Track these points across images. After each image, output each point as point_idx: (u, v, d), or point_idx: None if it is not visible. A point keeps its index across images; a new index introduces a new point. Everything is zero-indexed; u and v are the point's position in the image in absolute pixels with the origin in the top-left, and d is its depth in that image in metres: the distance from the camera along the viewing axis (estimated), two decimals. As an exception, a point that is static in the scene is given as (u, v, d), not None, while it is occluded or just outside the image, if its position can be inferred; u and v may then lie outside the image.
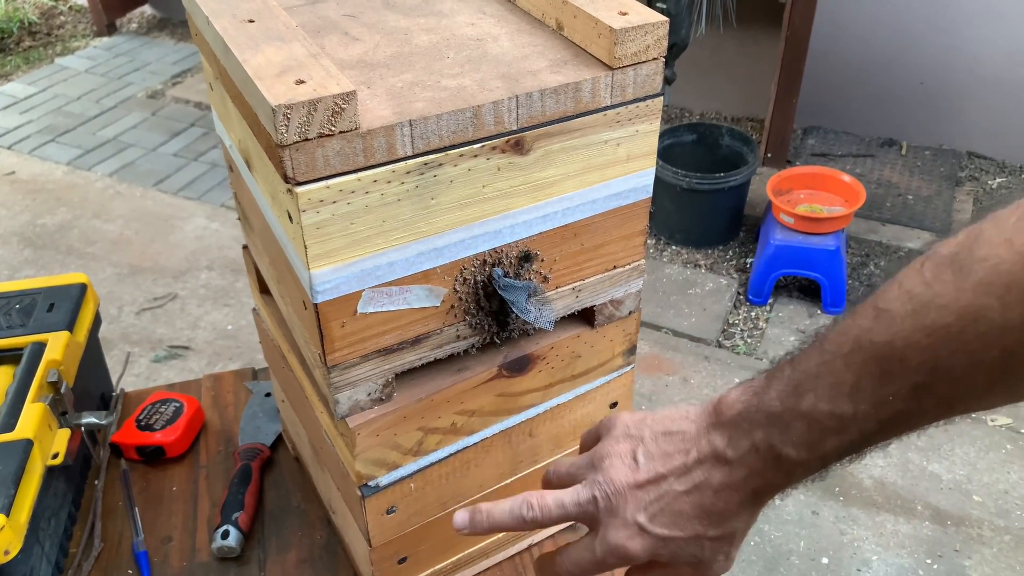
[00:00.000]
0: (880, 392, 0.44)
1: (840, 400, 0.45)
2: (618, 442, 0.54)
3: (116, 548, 0.86)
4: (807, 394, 0.46)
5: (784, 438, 0.47)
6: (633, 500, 0.52)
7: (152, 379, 2.28)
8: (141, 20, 4.38)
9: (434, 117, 0.52)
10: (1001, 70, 2.89)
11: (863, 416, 0.45)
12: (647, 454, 0.53)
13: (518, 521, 0.55)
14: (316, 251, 0.53)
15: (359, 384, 0.61)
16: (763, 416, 0.48)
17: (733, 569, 1.76)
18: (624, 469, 0.53)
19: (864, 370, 0.44)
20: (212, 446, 0.97)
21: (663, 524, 0.51)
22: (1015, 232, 0.39)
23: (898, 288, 0.43)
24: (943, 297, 0.41)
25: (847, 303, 2.46)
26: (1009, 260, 0.38)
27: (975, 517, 1.88)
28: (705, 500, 0.50)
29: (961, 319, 0.40)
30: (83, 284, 0.98)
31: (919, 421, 0.44)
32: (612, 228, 0.66)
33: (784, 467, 0.48)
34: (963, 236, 0.41)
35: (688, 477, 0.51)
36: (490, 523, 0.57)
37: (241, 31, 0.56)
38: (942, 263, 0.41)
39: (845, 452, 0.47)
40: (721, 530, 0.51)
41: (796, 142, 3.17)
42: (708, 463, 0.50)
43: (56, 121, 3.51)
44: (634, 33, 0.56)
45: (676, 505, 0.51)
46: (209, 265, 2.71)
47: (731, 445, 0.50)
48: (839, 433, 0.45)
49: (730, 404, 0.50)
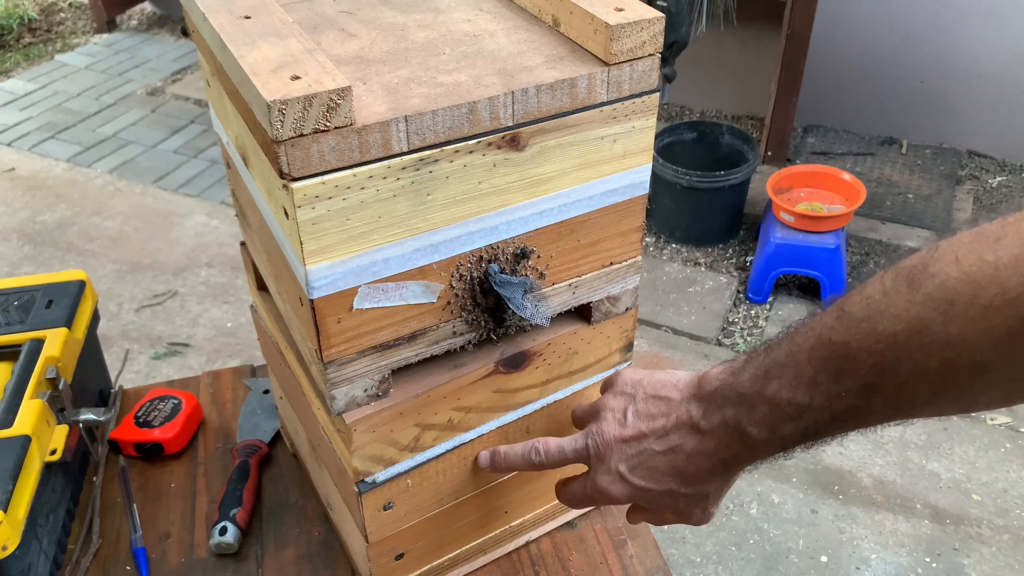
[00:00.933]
0: (834, 388, 0.47)
1: (799, 390, 0.49)
2: (615, 398, 0.63)
3: (114, 544, 0.86)
4: (773, 381, 0.51)
5: (749, 418, 0.52)
6: (618, 451, 0.60)
7: (151, 376, 2.28)
8: (141, 17, 4.38)
9: (430, 113, 0.52)
10: (1001, 69, 2.89)
11: (817, 407, 0.48)
12: (636, 413, 0.60)
13: (528, 463, 0.66)
14: (312, 247, 0.53)
15: (356, 380, 0.61)
16: (735, 395, 0.53)
17: (731, 568, 1.77)
18: (614, 423, 0.61)
19: (822, 366, 0.48)
20: (210, 443, 0.97)
21: (640, 476, 0.59)
22: (965, 252, 0.41)
23: (861, 294, 0.46)
24: (896, 307, 0.43)
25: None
26: (955, 277, 0.41)
27: (974, 516, 1.88)
28: (678, 462, 0.57)
29: (908, 329, 0.43)
30: (82, 281, 0.98)
31: (867, 419, 0.48)
32: (609, 224, 0.66)
33: (748, 443, 0.53)
34: (923, 252, 0.44)
35: (666, 439, 0.58)
36: (507, 464, 0.68)
37: (237, 27, 0.56)
38: (900, 275, 0.44)
39: (801, 438, 0.51)
40: (692, 489, 0.58)
41: (796, 140, 3.17)
42: (684, 429, 0.57)
43: (56, 118, 3.51)
44: (630, 29, 0.56)
45: (652, 462, 0.58)
46: (209, 262, 2.71)
47: (705, 417, 0.56)
48: (795, 420, 0.50)
49: (710, 380, 0.57)
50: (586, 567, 0.81)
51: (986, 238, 0.41)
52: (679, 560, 1.80)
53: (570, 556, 0.83)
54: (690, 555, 1.81)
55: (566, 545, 0.84)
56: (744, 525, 1.86)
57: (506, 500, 0.78)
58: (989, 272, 0.40)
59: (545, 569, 0.81)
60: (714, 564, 1.79)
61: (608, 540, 0.84)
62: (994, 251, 0.40)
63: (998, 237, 0.40)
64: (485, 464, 0.70)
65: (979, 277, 0.40)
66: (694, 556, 1.81)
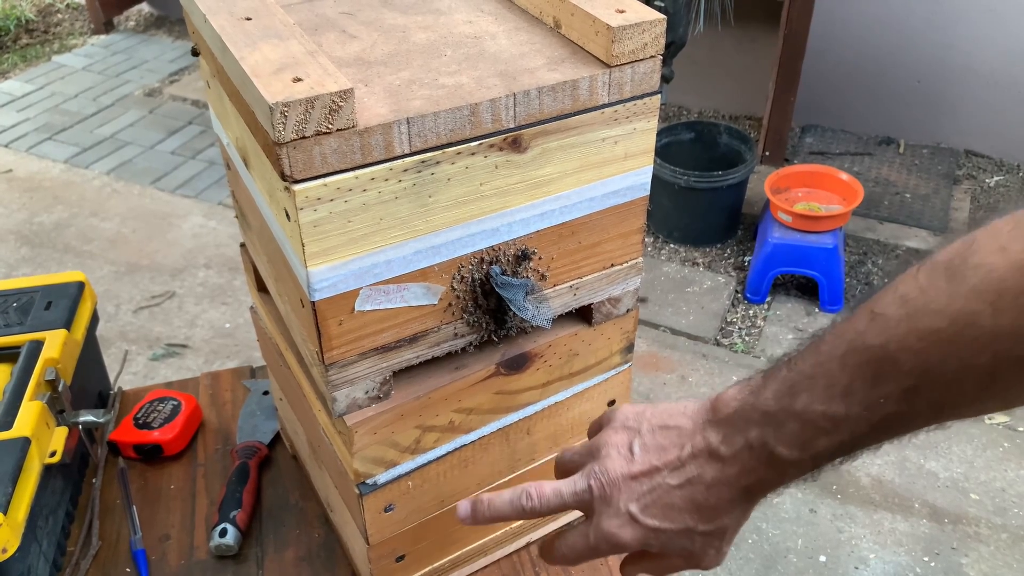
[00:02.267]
0: (872, 394, 0.44)
1: (833, 401, 0.45)
2: (616, 433, 0.56)
3: (114, 546, 0.86)
4: (801, 394, 0.47)
5: (777, 437, 0.48)
6: (627, 490, 0.53)
7: (150, 377, 2.28)
8: (139, 18, 4.38)
9: (431, 115, 0.52)
10: (998, 68, 2.89)
11: (855, 417, 0.45)
12: (643, 446, 0.54)
13: (518, 511, 0.57)
14: (313, 249, 0.53)
15: (357, 382, 0.61)
16: (758, 414, 0.49)
17: (730, 567, 1.77)
18: (620, 460, 0.54)
19: (857, 372, 0.45)
20: (210, 444, 0.97)
21: (654, 516, 0.52)
22: (1010, 240, 0.39)
23: (893, 293, 0.44)
24: (936, 302, 0.41)
25: (845, 301, 2.46)
26: (1002, 267, 0.39)
27: (972, 515, 1.89)
28: (697, 495, 0.51)
29: (953, 324, 0.40)
30: (81, 282, 0.98)
31: (909, 425, 0.45)
32: (610, 226, 0.66)
33: (776, 465, 0.49)
34: (959, 244, 0.42)
35: (681, 471, 0.52)
36: (491, 513, 0.59)
37: (238, 28, 0.56)
38: (937, 269, 0.42)
39: (836, 452, 0.47)
40: (712, 525, 0.52)
41: (794, 140, 3.17)
42: (702, 458, 0.51)
43: (53, 119, 3.51)
44: (631, 31, 0.56)
45: (668, 498, 0.52)
46: (207, 263, 2.71)
47: (725, 442, 0.50)
48: (831, 433, 0.46)
49: (726, 402, 0.51)
50: (586, 568, 0.81)
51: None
52: (678, 560, 1.80)
53: (571, 557, 0.83)
54: (689, 555, 1.81)
55: (567, 546, 0.84)
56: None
57: (507, 501, 0.78)
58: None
59: (546, 570, 0.81)
60: (713, 564, 1.79)
61: (609, 541, 0.84)
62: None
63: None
64: (465, 515, 0.59)
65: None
66: (693, 556, 1.81)
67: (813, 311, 2.46)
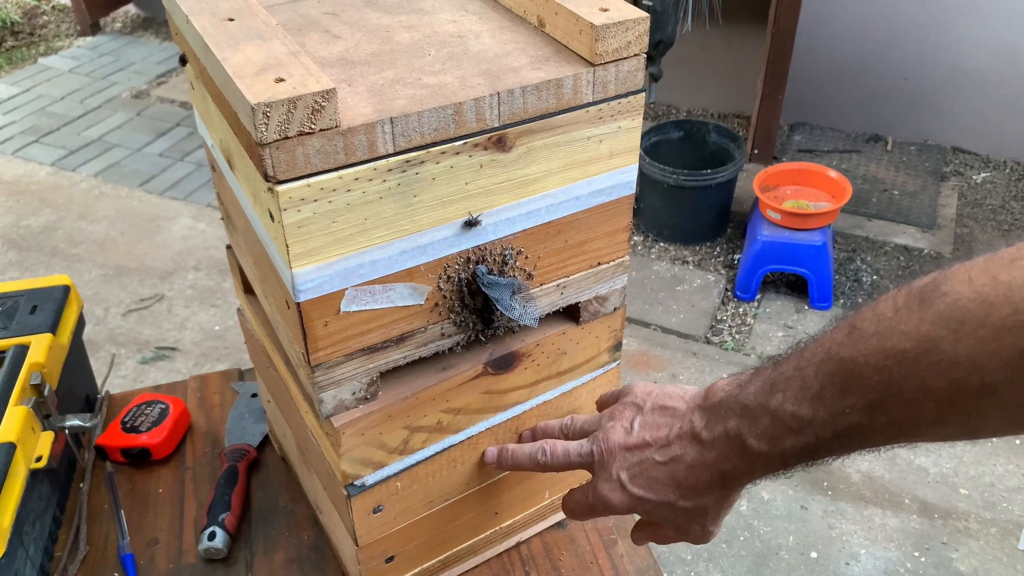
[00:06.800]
0: (839, 403, 0.47)
1: (803, 404, 0.49)
2: (625, 408, 0.63)
3: (102, 551, 0.85)
4: (778, 393, 0.50)
5: (751, 429, 0.52)
6: (620, 459, 0.60)
7: (139, 381, 2.27)
8: (125, 19, 4.35)
9: (415, 114, 0.52)
10: (984, 66, 2.91)
11: (820, 422, 0.48)
12: (642, 423, 0.60)
13: (534, 463, 0.66)
14: (298, 250, 0.52)
15: (344, 383, 0.60)
16: (739, 406, 0.53)
17: (722, 565, 1.77)
18: (620, 432, 0.61)
19: (828, 380, 0.47)
20: (198, 447, 0.97)
21: (640, 486, 0.59)
22: (978, 272, 0.41)
23: (873, 310, 0.46)
24: (906, 324, 0.43)
25: (834, 298, 2.47)
26: (966, 296, 0.41)
27: (962, 510, 1.90)
28: (678, 472, 0.57)
29: (917, 347, 0.42)
30: (66, 286, 0.97)
31: (871, 438, 0.47)
32: (596, 225, 0.66)
33: (748, 456, 0.53)
34: (938, 272, 0.44)
35: (667, 449, 0.58)
36: (513, 462, 0.69)
37: (221, 29, 0.55)
38: (912, 293, 0.44)
39: (801, 454, 0.50)
40: (691, 503, 0.57)
41: (782, 138, 3.18)
42: (686, 440, 0.57)
43: (40, 122, 3.49)
44: (615, 29, 0.56)
45: (653, 472, 0.58)
46: (196, 265, 2.69)
47: (707, 428, 0.56)
48: (797, 434, 0.50)
49: (715, 391, 0.57)
50: (577, 567, 0.81)
51: (1001, 259, 0.40)
52: (669, 558, 1.80)
53: (561, 556, 0.83)
54: (680, 553, 1.81)
55: (557, 545, 0.84)
56: (734, 522, 1.86)
57: (497, 501, 0.78)
58: (1002, 292, 0.39)
59: (536, 570, 0.81)
60: (704, 561, 1.80)
61: (599, 540, 0.84)
62: (1008, 271, 0.39)
63: (1013, 258, 0.40)
64: (492, 460, 0.70)
65: (991, 297, 0.39)
66: (684, 554, 1.81)
67: (803, 308, 2.47)
